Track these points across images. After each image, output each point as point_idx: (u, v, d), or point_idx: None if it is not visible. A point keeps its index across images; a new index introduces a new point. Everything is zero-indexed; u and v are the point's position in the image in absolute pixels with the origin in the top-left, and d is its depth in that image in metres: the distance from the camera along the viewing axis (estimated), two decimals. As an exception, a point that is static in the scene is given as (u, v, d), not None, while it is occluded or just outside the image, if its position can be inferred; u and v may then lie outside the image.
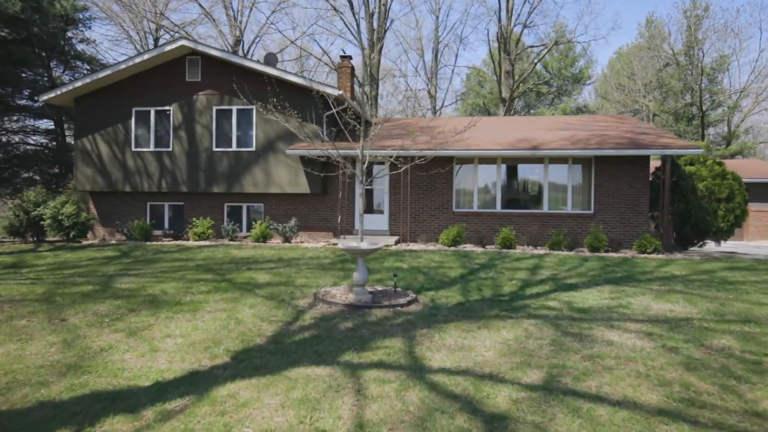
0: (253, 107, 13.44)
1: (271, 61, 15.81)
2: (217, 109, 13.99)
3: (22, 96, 22.92)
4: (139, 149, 14.35)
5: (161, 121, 14.35)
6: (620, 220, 12.76)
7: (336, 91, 12.50)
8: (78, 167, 14.58)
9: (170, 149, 14.20)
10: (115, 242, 13.51)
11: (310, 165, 13.08)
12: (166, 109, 14.22)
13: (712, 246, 16.03)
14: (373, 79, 30.65)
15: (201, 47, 13.90)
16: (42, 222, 13.30)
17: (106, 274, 8.69)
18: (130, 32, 31.26)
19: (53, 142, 25.23)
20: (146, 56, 13.88)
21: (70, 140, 24.45)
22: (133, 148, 14.36)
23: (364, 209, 8.26)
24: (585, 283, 8.09)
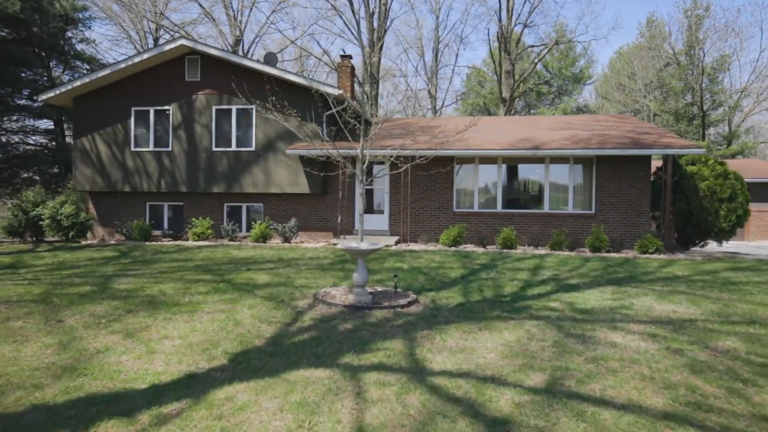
0: (253, 107, 13.38)
1: (271, 61, 15.75)
2: (216, 108, 13.93)
3: (22, 96, 22.89)
4: (139, 149, 14.29)
5: (160, 121, 14.29)
6: (622, 220, 12.69)
7: (336, 91, 12.43)
8: (77, 167, 14.51)
9: (169, 149, 14.13)
10: (114, 242, 13.44)
11: (309, 165, 13.03)
12: (166, 108, 14.16)
13: (713, 246, 15.96)
14: (373, 79, 30.60)
15: (200, 47, 13.84)
16: (41, 222, 13.24)
17: (105, 274, 8.62)
18: (130, 32, 31.26)
19: (53, 142, 25.20)
20: (145, 56, 13.81)
21: (70, 140, 24.39)
22: (133, 148, 14.30)
23: (364, 209, 8.20)
24: (587, 284, 8.02)
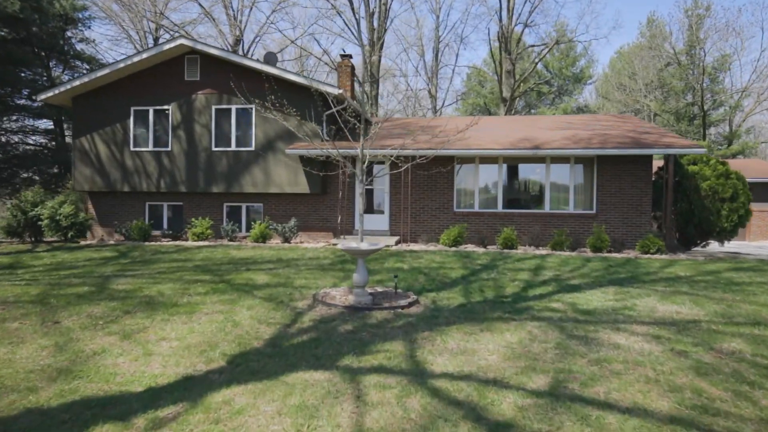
0: (252, 106, 13.31)
1: (270, 61, 15.68)
2: (216, 108, 13.86)
3: (22, 96, 22.83)
4: (138, 149, 14.22)
5: (160, 121, 14.22)
6: (623, 220, 12.62)
7: (336, 90, 12.36)
8: (76, 167, 14.45)
9: (169, 149, 14.07)
10: (114, 242, 13.38)
11: (309, 164, 12.96)
12: (165, 108, 14.10)
13: (715, 246, 15.90)
14: (373, 79, 30.53)
15: (200, 46, 13.78)
16: (40, 222, 13.18)
17: (103, 275, 8.56)
18: (130, 32, 31.20)
19: (52, 142, 25.14)
20: (145, 55, 13.75)
21: (70, 140, 24.31)
22: (132, 148, 14.23)
23: (365, 209, 8.14)
24: (589, 284, 7.95)
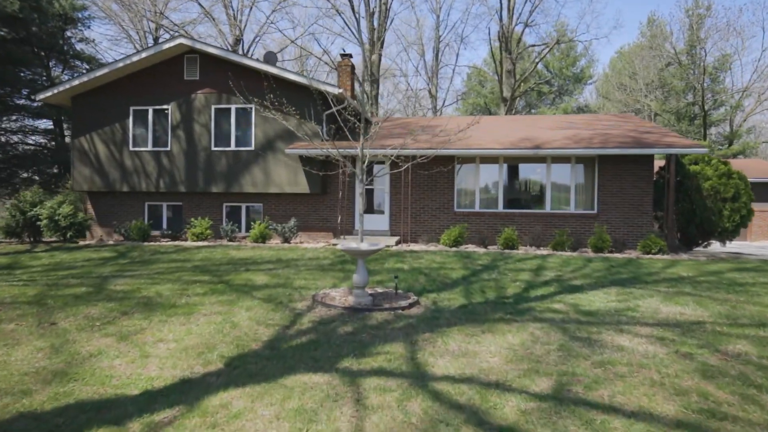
0: (252, 106, 13.25)
1: (270, 60, 15.62)
2: (215, 108, 13.80)
3: (21, 95, 22.77)
4: (137, 149, 14.16)
5: (159, 121, 14.16)
6: (624, 220, 12.55)
7: (336, 90, 12.30)
8: (75, 167, 14.39)
9: (168, 149, 14.00)
10: (113, 243, 13.32)
11: (309, 164, 12.90)
12: (164, 108, 14.03)
13: (716, 246, 15.82)
14: (373, 78, 30.46)
15: (199, 45, 13.71)
16: (38, 222, 13.12)
17: (101, 275, 8.49)
18: (130, 32, 31.12)
19: (52, 142, 25.08)
20: (144, 54, 13.69)
21: (69, 140, 24.27)
22: (131, 148, 14.17)
23: (365, 209, 8.07)
24: (591, 285, 7.89)
